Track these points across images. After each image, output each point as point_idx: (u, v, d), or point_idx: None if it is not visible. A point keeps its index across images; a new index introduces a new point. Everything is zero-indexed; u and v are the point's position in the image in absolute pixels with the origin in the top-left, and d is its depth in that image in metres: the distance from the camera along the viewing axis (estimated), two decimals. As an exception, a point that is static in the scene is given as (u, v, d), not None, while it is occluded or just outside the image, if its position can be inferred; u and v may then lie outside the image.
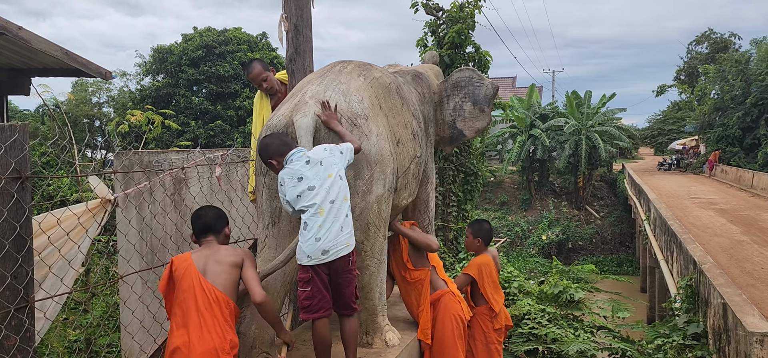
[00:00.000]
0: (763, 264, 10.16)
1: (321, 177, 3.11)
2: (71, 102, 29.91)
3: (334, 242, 3.07)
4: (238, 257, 3.09)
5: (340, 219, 3.10)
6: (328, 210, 3.07)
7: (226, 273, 3.01)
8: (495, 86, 4.83)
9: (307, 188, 3.08)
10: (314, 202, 3.05)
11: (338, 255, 3.10)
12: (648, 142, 50.51)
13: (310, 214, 3.06)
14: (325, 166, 3.14)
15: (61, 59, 5.79)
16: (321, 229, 3.05)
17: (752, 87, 28.54)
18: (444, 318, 4.06)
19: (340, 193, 3.14)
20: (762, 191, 22.29)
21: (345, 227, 3.13)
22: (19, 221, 2.37)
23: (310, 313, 3.17)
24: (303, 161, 3.13)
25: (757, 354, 4.67)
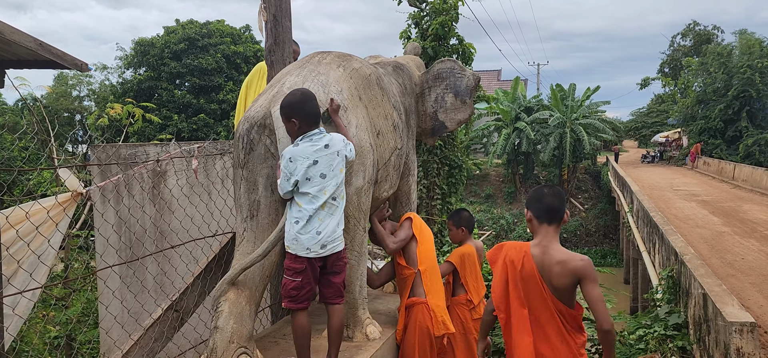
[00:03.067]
0: (744, 255, 10.29)
1: (334, 169, 3.08)
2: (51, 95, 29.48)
3: (332, 237, 3.08)
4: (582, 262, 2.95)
5: (337, 215, 3.12)
6: (329, 206, 3.07)
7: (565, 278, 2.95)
8: (476, 77, 4.80)
9: (320, 174, 3.03)
10: (323, 194, 3.03)
11: (334, 251, 3.12)
12: (632, 134, 50.99)
13: (315, 206, 3.02)
14: (340, 158, 3.11)
15: (35, 51, 5.64)
16: (322, 223, 3.04)
17: (734, 80, 28.90)
18: (413, 327, 4.01)
19: (340, 189, 3.14)
20: (743, 182, 22.58)
21: (341, 223, 3.16)
22: (-18, 215, 2.30)
23: (295, 303, 3.12)
24: (322, 144, 3.05)
25: (736, 344, 4.70)
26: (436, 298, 4.08)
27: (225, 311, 3.22)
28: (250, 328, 3.29)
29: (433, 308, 4.02)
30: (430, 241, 4.24)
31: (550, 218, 3.11)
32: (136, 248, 4.68)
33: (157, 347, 3.41)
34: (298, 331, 3.17)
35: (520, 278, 3.08)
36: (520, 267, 3.08)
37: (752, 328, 4.75)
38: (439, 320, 4.02)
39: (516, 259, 3.12)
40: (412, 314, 4.03)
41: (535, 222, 3.14)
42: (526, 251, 3.11)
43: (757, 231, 12.65)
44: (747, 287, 8.25)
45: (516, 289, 3.09)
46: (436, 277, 4.17)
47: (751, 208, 16.38)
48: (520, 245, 3.19)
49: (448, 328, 4.07)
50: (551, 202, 3.12)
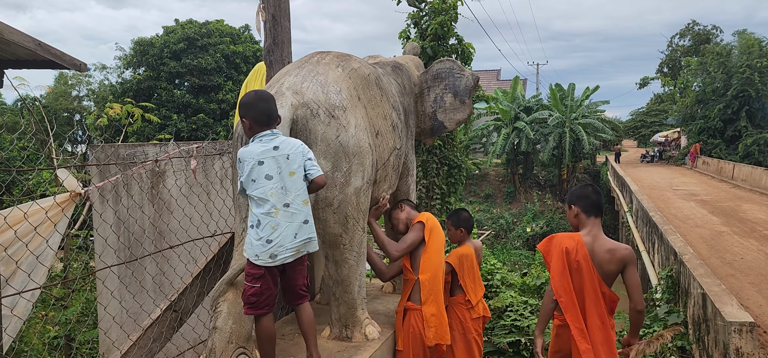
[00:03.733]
0: (743, 254, 10.29)
1: (283, 171, 2.88)
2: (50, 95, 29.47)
3: (285, 247, 2.86)
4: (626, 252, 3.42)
5: (295, 223, 2.88)
6: (283, 213, 2.85)
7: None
8: (475, 77, 4.80)
9: (265, 175, 2.85)
10: (269, 199, 2.83)
11: (285, 262, 2.90)
12: (631, 134, 50.99)
13: (263, 211, 2.84)
14: (291, 161, 2.90)
15: (34, 51, 5.64)
16: (274, 231, 2.83)
17: (733, 79, 28.90)
18: (406, 331, 4.01)
19: (298, 195, 2.90)
20: (742, 182, 22.59)
21: (300, 233, 2.90)
22: (-20, 215, 2.30)
23: (255, 309, 2.98)
24: (271, 145, 2.88)
25: (735, 343, 4.70)
26: (432, 307, 3.98)
27: (224, 311, 3.22)
28: (248, 328, 3.28)
29: (428, 318, 3.95)
30: (437, 248, 4.09)
31: (597, 212, 3.60)
32: (135, 249, 4.68)
33: (155, 348, 3.40)
34: (264, 336, 3.02)
35: (574, 263, 3.46)
36: (575, 254, 3.46)
37: (751, 328, 4.75)
38: (433, 329, 3.95)
39: (570, 247, 3.48)
40: (407, 319, 4.03)
41: (582, 216, 3.59)
42: (579, 240, 3.50)
43: (757, 231, 12.65)
44: (746, 286, 8.25)
45: (570, 274, 3.47)
46: (437, 287, 4.03)
47: (751, 207, 16.39)
48: (573, 234, 3.57)
49: (442, 339, 3.99)
50: (597, 198, 3.63)
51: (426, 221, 4.09)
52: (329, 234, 3.52)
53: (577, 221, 3.61)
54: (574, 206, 3.64)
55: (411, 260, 4.12)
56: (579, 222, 3.59)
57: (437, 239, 4.11)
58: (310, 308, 3.16)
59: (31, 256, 2.80)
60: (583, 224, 3.58)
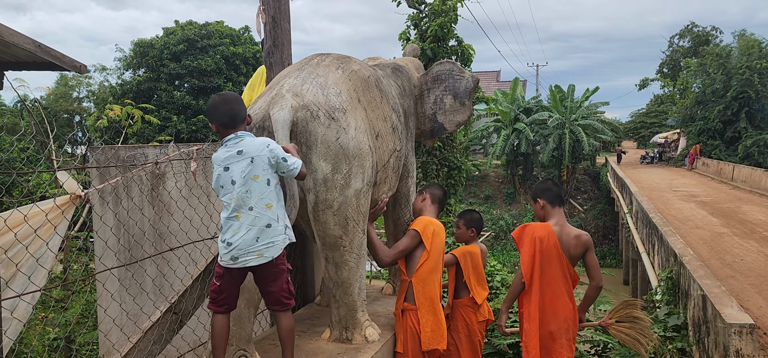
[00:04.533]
0: (743, 256, 10.29)
1: (246, 175, 2.83)
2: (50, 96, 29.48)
3: (246, 251, 2.82)
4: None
5: (256, 227, 2.83)
6: (245, 217, 2.82)
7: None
8: (475, 79, 4.80)
9: (231, 181, 2.84)
10: (232, 203, 2.82)
11: (246, 265, 2.85)
12: (631, 135, 51.00)
13: (225, 215, 2.84)
14: (256, 164, 2.85)
15: (34, 52, 5.64)
16: (235, 234, 2.81)
17: (733, 81, 28.91)
18: (404, 333, 4.01)
19: (262, 199, 2.84)
20: (742, 183, 22.59)
21: (262, 237, 2.84)
22: (-20, 218, 2.30)
23: (214, 305, 3.00)
24: (235, 150, 2.86)
25: (735, 345, 4.70)
26: (427, 312, 3.96)
27: (223, 313, 3.21)
28: (248, 330, 3.29)
29: (423, 323, 3.94)
30: (437, 253, 4.05)
31: (560, 202, 4.11)
32: (135, 251, 4.67)
33: (155, 350, 3.40)
34: (215, 333, 2.99)
35: (546, 251, 3.93)
36: (546, 242, 3.93)
37: (752, 330, 4.74)
38: (428, 333, 3.94)
39: (542, 236, 3.95)
40: (404, 319, 4.03)
41: (548, 207, 4.07)
42: (550, 229, 3.97)
43: (757, 232, 12.65)
44: (746, 288, 8.25)
45: (540, 259, 3.94)
46: (433, 292, 4.00)
47: (751, 209, 16.39)
48: (544, 224, 4.04)
49: (438, 344, 3.97)
50: (558, 189, 4.16)
51: (423, 230, 4.01)
52: (329, 236, 3.52)
53: (544, 213, 4.09)
54: (539, 199, 4.11)
55: (406, 263, 4.11)
56: (545, 213, 4.08)
57: (438, 244, 4.08)
58: (290, 319, 3.06)
59: (31, 258, 2.79)
60: (549, 215, 4.07)
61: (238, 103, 2.97)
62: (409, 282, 4.02)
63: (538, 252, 3.95)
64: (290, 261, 4.58)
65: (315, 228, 3.56)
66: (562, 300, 3.97)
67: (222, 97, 2.96)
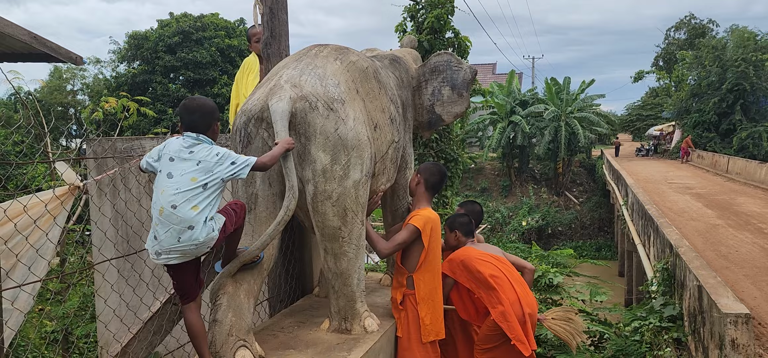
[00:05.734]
0: (738, 247, 10.35)
1: (184, 175, 2.80)
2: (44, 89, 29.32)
3: (167, 249, 2.80)
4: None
5: (178, 228, 2.77)
6: (167, 215, 2.77)
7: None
8: (473, 71, 4.80)
9: (167, 173, 2.83)
10: (160, 197, 2.79)
11: (169, 263, 2.85)
12: (626, 128, 51.09)
13: (154, 208, 2.82)
14: (200, 169, 2.83)
15: (29, 44, 5.61)
16: (157, 229, 2.80)
17: (728, 73, 28.96)
18: (406, 317, 4.04)
19: (190, 201, 2.78)
20: (737, 175, 22.68)
21: (185, 237, 2.78)
22: (-19, 208, 2.29)
23: (181, 299, 3.04)
24: (186, 144, 2.87)
25: (731, 335, 4.73)
26: (426, 308, 4.00)
27: (223, 304, 3.23)
28: (248, 321, 3.29)
29: (422, 317, 3.97)
30: (435, 247, 4.07)
31: (473, 234, 4.60)
32: (134, 242, 4.67)
33: (156, 340, 3.41)
34: (188, 327, 3.03)
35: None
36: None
37: (747, 319, 4.78)
38: (427, 326, 3.98)
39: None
40: (404, 304, 4.04)
41: (462, 238, 4.50)
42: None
43: (751, 224, 12.73)
44: (741, 278, 8.31)
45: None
46: (433, 286, 4.05)
47: (745, 200, 16.47)
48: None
49: (438, 334, 4.04)
50: (471, 224, 4.62)
51: (422, 227, 3.99)
52: (328, 227, 3.53)
53: (457, 243, 4.48)
54: (457, 230, 4.51)
55: (403, 258, 4.12)
56: (459, 243, 4.47)
57: (436, 239, 4.10)
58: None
59: (31, 249, 2.79)
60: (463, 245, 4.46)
61: (202, 115, 2.96)
62: (409, 277, 4.05)
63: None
64: (288, 253, 4.61)
65: (314, 219, 3.57)
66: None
67: (186, 106, 2.98)
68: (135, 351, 3.28)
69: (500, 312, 4.03)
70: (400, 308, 4.07)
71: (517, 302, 4.09)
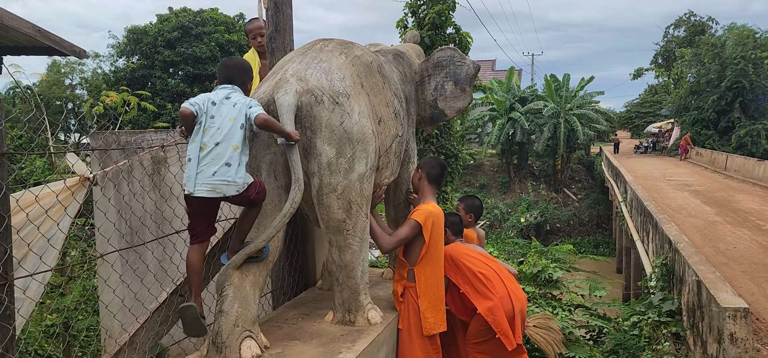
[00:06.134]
0: (736, 244, 10.41)
1: (224, 117, 3.11)
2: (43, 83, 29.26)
3: (202, 182, 3.03)
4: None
5: (217, 163, 3.04)
6: (209, 150, 3.04)
7: None
8: (476, 66, 4.83)
9: (210, 115, 3.10)
10: (199, 137, 3.06)
11: (200, 195, 3.04)
12: (625, 125, 51.17)
13: (194, 146, 3.06)
14: (236, 110, 3.13)
15: (33, 37, 5.64)
16: (195, 165, 3.03)
17: (727, 71, 29.00)
18: (406, 310, 4.07)
19: (230, 138, 3.07)
20: (735, 172, 22.75)
21: (220, 172, 3.04)
22: (-4, 197, 2.33)
23: (191, 239, 3.26)
24: (224, 95, 3.18)
25: (729, 329, 4.78)
26: (427, 302, 4.02)
27: (229, 295, 3.26)
28: (254, 312, 3.33)
29: (423, 311, 4.00)
30: (436, 241, 4.08)
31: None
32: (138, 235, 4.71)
33: (162, 331, 3.44)
34: (188, 266, 3.26)
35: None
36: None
37: (745, 314, 4.83)
38: (429, 320, 4.00)
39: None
40: (405, 296, 4.08)
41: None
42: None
43: (749, 220, 12.78)
44: (739, 275, 8.36)
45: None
46: (434, 280, 4.07)
47: (743, 198, 16.53)
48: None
49: (439, 327, 4.07)
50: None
51: (424, 223, 4.01)
52: (333, 220, 3.57)
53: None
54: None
55: (405, 251, 4.15)
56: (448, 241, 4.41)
57: (437, 233, 4.11)
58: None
59: (42, 239, 2.83)
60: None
61: (238, 69, 3.35)
62: (410, 270, 4.08)
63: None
64: (291, 246, 4.65)
65: (319, 212, 3.60)
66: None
67: (225, 62, 3.39)
68: (142, 341, 3.31)
69: (487, 307, 4.08)
70: (401, 300, 4.11)
71: (507, 297, 4.14)
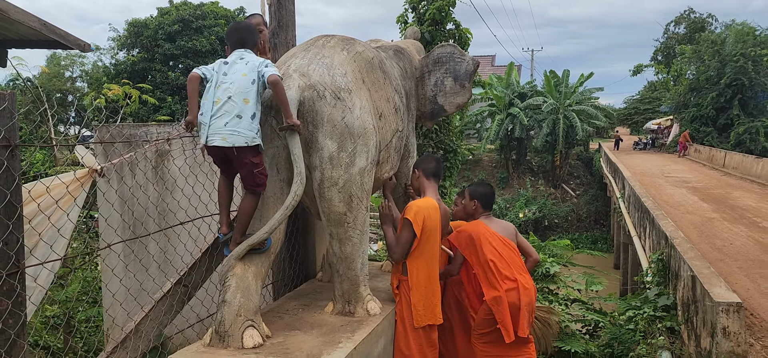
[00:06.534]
0: (732, 240, 10.50)
1: (237, 73, 3.34)
2: (44, 75, 29.26)
3: (214, 132, 3.25)
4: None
5: (229, 115, 3.25)
6: (222, 103, 3.25)
7: None
8: (476, 62, 4.90)
9: (223, 72, 3.35)
10: (213, 92, 3.28)
11: (213, 144, 3.26)
12: (624, 121, 51.23)
13: (207, 101, 3.29)
14: (248, 68, 3.36)
15: (39, 31, 5.70)
16: (208, 117, 3.26)
17: (726, 68, 29.02)
18: (400, 303, 4.15)
19: (241, 92, 3.29)
20: (733, 169, 22.84)
21: (231, 124, 3.25)
22: (9, 188, 2.39)
23: (221, 172, 3.57)
24: (238, 57, 3.42)
25: (722, 323, 4.87)
26: (417, 291, 4.08)
27: (232, 285, 3.34)
28: (256, 302, 3.41)
29: (415, 303, 4.05)
30: (428, 236, 4.11)
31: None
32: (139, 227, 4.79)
33: (166, 320, 3.52)
34: (239, 208, 3.53)
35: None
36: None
37: (738, 308, 4.91)
38: (420, 312, 4.05)
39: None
40: (399, 290, 4.16)
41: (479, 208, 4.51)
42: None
43: (746, 217, 12.87)
44: (734, 271, 8.45)
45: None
46: (424, 272, 4.12)
47: (741, 195, 16.62)
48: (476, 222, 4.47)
49: (431, 319, 4.10)
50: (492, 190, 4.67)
51: (413, 219, 4.04)
52: (334, 212, 3.64)
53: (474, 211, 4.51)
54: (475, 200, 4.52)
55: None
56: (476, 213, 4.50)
57: (429, 227, 4.13)
58: (250, 203, 3.47)
59: (52, 228, 2.91)
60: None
61: (248, 32, 3.58)
62: (404, 262, 4.15)
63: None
64: (292, 239, 4.73)
65: (320, 205, 3.68)
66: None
67: (235, 26, 3.65)
68: (147, 329, 3.40)
69: (493, 296, 4.13)
70: (396, 292, 4.19)
71: (516, 289, 4.17)
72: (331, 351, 3.24)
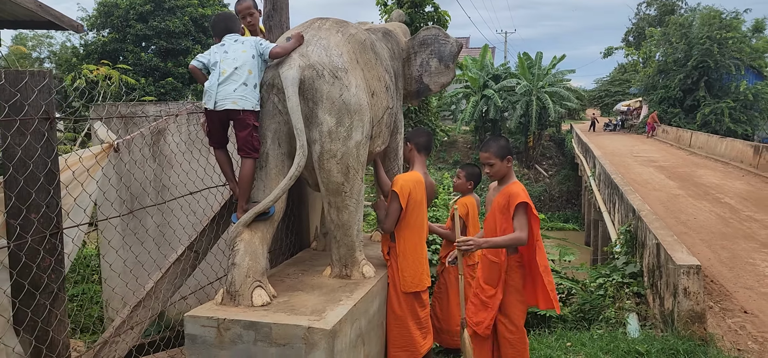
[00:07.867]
0: (696, 215, 11.07)
1: (237, 50, 3.74)
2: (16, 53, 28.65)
3: (223, 95, 3.63)
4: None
5: (237, 82, 3.65)
6: (229, 74, 3.65)
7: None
8: (459, 44, 5.22)
9: (224, 51, 3.76)
10: (218, 67, 3.67)
11: (223, 107, 3.63)
12: (595, 103, 52.19)
13: (214, 74, 3.69)
14: (246, 45, 3.78)
15: (33, 11, 5.85)
16: (215, 87, 3.64)
17: (693, 50, 29.85)
18: (392, 267, 4.43)
19: (245, 64, 3.70)
20: (699, 149, 23.65)
21: (239, 90, 3.65)
22: (49, 156, 2.65)
23: (211, 143, 3.92)
24: (232, 40, 3.82)
25: (683, 284, 5.31)
26: (404, 259, 4.34)
27: (241, 249, 3.63)
28: (263, 264, 3.71)
29: (402, 267, 4.32)
30: (413, 207, 4.36)
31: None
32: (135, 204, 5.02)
33: (179, 282, 3.80)
34: (219, 162, 3.97)
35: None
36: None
37: (697, 270, 5.36)
38: (407, 278, 4.32)
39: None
40: (390, 258, 4.47)
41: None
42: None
43: (710, 194, 13.50)
44: (697, 243, 8.98)
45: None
46: (410, 242, 4.37)
47: (705, 173, 17.32)
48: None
49: (419, 286, 4.35)
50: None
51: (400, 191, 4.31)
52: (332, 183, 3.95)
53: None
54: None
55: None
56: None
57: (415, 199, 4.39)
58: (249, 167, 3.80)
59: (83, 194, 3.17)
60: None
61: (232, 20, 4.00)
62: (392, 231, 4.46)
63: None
64: (287, 210, 5.01)
65: (319, 176, 3.98)
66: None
67: (220, 16, 4.06)
68: (165, 291, 3.67)
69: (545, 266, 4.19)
70: (388, 259, 4.51)
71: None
72: (334, 307, 3.56)
